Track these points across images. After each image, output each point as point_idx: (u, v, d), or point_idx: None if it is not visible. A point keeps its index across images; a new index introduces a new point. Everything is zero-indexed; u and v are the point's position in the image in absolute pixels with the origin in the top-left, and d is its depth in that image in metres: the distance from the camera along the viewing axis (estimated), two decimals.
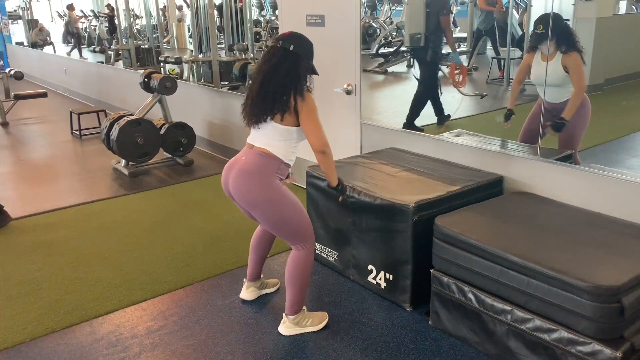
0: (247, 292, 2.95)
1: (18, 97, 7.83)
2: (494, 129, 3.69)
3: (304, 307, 2.69)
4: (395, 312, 2.79)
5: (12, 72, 7.98)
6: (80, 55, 11.18)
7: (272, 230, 2.56)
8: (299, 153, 2.56)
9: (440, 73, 4.11)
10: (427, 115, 4.07)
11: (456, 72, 3.12)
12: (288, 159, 2.49)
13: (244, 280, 2.98)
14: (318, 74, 2.51)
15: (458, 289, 2.44)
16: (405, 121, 3.92)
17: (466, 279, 2.41)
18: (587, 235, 2.37)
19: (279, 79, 2.36)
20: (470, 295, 2.39)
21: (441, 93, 4.05)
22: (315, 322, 2.68)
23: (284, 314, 2.66)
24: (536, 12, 4.15)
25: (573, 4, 3.36)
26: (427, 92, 3.87)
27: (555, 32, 3.06)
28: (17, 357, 2.54)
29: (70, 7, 11.78)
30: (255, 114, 2.42)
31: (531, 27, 4.21)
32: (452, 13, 3.04)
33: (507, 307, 2.24)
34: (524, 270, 2.15)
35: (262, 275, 3.00)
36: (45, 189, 4.89)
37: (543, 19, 3.11)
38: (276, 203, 2.42)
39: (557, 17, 3.14)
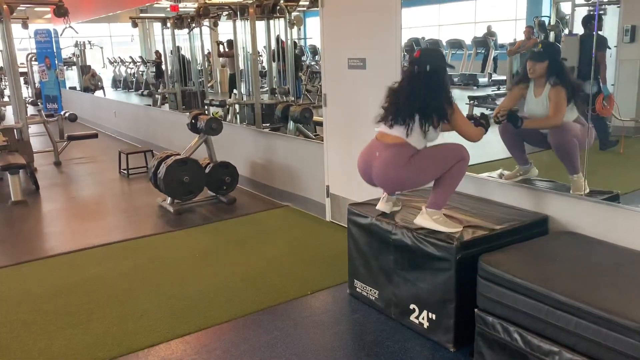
0: (385, 205, 3.11)
1: (71, 138, 8.22)
2: (536, 168, 3.67)
3: (443, 212, 2.85)
4: (439, 352, 2.76)
5: (66, 115, 8.41)
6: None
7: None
8: (340, 192, 2.65)
9: None
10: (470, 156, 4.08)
11: (603, 102, 3.35)
12: (419, 147, 2.80)
13: (383, 194, 3.13)
14: (453, 67, 2.95)
15: (503, 329, 2.40)
16: None
17: (512, 318, 2.37)
18: (638, 276, 2.31)
19: (431, 102, 2.71)
20: (516, 336, 2.34)
21: None
22: (449, 225, 2.79)
23: (423, 207, 2.85)
24: None
25: (615, 46, 3.38)
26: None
27: (551, 62, 3.18)
28: None
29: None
30: (409, 121, 2.72)
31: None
32: (609, 48, 3.30)
33: (555, 348, 2.19)
34: (572, 310, 2.11)
35: (397, 193, 3.20)
36: (95, 225, 5.08)
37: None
38: (425, 169, 2.78)
39: (554, 48, 3.22)
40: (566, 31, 5.36)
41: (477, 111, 7.28)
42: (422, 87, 2.71)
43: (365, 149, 2.94)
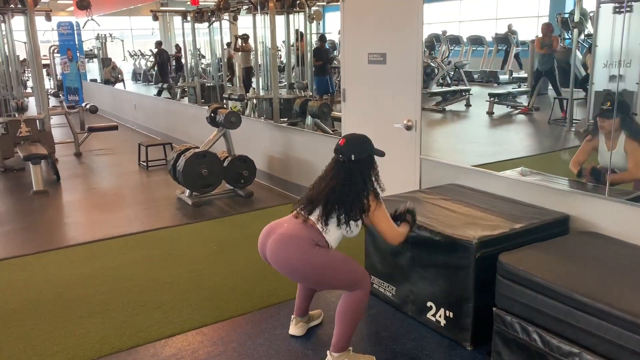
0: (297, 328, 2.93)
1: (91, 130, 8.33)
2: (558, 167, 3.62)
3: (350, 348, 2.60)
4: (455, 350, 2.74)
5: (87, 107, 8.51)
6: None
7: (319, 289, 2.59)
8: None
9: None
10: (490, 154, 4.05)
11: None
12: (332, 244, 2.52)
13: (292, 316, 2.96)
14: (385, 154, 2.60)
15: (522, 329, 2.37)
16: None
17: (531, 318, 2.34)
18: None
19: (352, 192, 2.45)
20: (535, 336, 2.32)
21: None
22: None
23: (328, 351, 2.59)
24: (601, 52, 4.10)
25: None
26: None
27: (622, 115, 2.99)
28: None
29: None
30: (325, 219, 2.46)
31: (597, 67, 4.15)
32: None
33: (575, 350, 2.16)
34: (594, 311, 2.08)
35: (309, 311, 2.98)
36: (114, 216, 5.14)
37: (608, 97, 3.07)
38: (318, 267, 2.44)
39: (623, 104, 3.05)
40: (589, 27, 5.24)
41: (497, 109, 7.21)
42: (346, 180, 2.46)
43: (275, 222, 2.65)
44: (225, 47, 10.88)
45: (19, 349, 2.87)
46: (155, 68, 13.74)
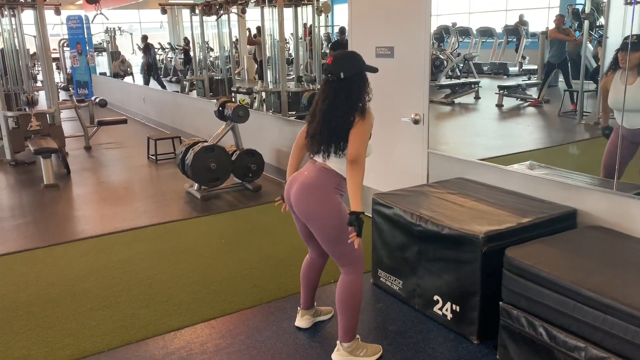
0: (302, 320, 2.96)
1: (101, 124, 8.37)
2: (567, 161, 3.60)
3: (358, 337, 2.64)
4: (462, 344, 2.75)
5: (97, 100, 8.56)
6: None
7: (326, 246, 2.58)
8: (365, 182, 2.58)
9: None
10: (498, 147, 4.03)
11: None
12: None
13: (298, 308, 3.00)
14: (378, 70, 2.54)
15: (528, 323, 2.38)
16: None
17: (537, 312, 2.35)
18: None
19: (339, 112, 2.41)
20: (541, 330, 2.32)
21: None
22: (369, 353, 2.64)
23: (337, 342, 2.63)
24: (612, 44, 4.07)
25: None
26: None
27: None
28: None
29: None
30: (325, 148, 2.48)
31: (608, 58, 4.11)
32: None
33: (581, 344, 2.16)
34: (600, 306, 2.08)
35: (315, 303, 3.00)
36: (123, 210, 5.18)
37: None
38: (334, 218, 2.48)
39: None
40: (601, 19, 5.19)
41: (507, 101, 7.16)
42: (336, 101, 2.40)
43: (299, 171, 2.69)
44: (253, 38, 10.92)
45: (30, 341, 2.91)
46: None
